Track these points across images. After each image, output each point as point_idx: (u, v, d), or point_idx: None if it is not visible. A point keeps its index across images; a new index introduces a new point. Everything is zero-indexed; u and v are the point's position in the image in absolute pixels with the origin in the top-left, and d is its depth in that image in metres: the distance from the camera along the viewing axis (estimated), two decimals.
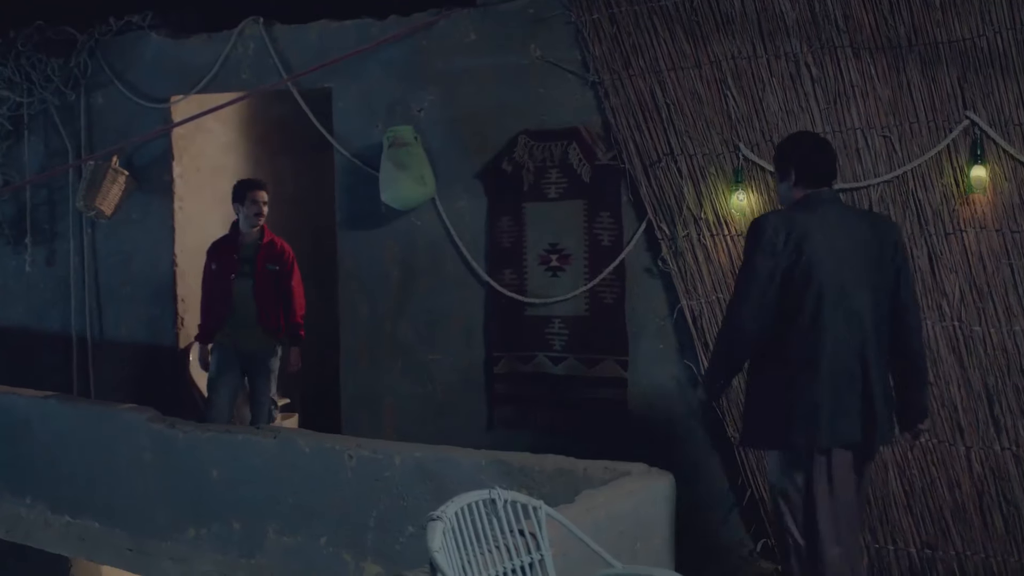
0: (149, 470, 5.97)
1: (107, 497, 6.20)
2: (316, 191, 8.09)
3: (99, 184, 7.41)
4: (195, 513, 5.81)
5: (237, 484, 5.66)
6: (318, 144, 7.18)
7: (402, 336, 6.61)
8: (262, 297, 6.93)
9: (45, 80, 7.98)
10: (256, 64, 7.14)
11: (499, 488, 3.48)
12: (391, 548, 5.16)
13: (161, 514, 5.96)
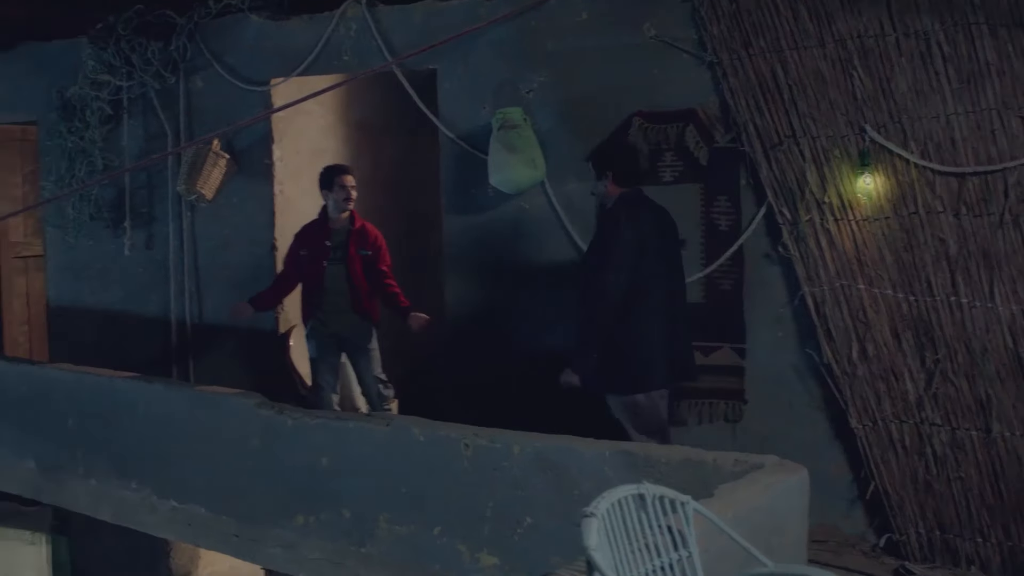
0: (256, 456, 5.89)
1: (213, 482, 6.13)
2: (416, 175, 8.01)
3: (200, 168, 7.38)
4: (304, 500, 5.72)
5: (347, 471, 5.55)
6: (417, 127, 7.09)
7: (508, 323, 6.49)
8: (355, 282, 6.87)
9: (145, 64, 7.95)
10: (358, 46, 7.04)
11: (648, 483, 3.33)
12: (508, 539, 5.02)
13: (268, 501, 5.87)
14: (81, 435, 6.72)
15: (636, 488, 3.31)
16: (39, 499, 7.42)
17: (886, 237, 5.43)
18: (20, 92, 9.15)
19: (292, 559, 5.79)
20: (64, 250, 8.81)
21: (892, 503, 5.47)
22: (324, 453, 5.62)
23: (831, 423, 5.66)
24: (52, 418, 6.87)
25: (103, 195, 8.35)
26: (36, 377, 7.04)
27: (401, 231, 8.03)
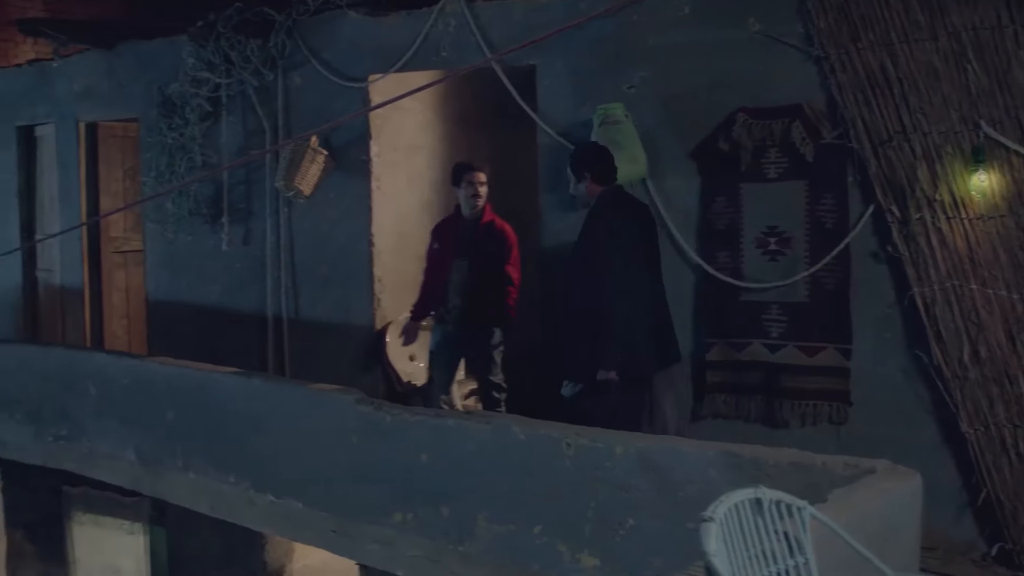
0: (355, 452, 5.89)
1: (311, 478, 6.15)
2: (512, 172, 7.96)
3: (299, 164, 7.41)
4: (402, 497, 5.71)
5: (447, 469, 5.53)
6: (514, 123, 7.04)
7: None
8: (477, 279, 6.86)
9: (244, 61, 8.02)
10: (456, 42, 7.02)
11: (764, 487, 3.25)
12: (610, 541, 4.96)
13: (367, 497, 5.87)
14: (180, 428, 6.80)
15: (753, 492, 3.23)
16: (139, 490, 7.52)
17: (1001, 236, 5.27)
18: (122, 90, 9.30)
19: (389, 556, 5.78)
20: (163, 245, 8.93)
21: (1004, 511, 5.31)
22: (423, 451, 5.60)
23: (940, 427, 5.50)
24: (152, 411, 6.95)
25: (202, 191, 8.44)
26: (137, 370, 7.13)
27: None
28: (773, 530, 3.27)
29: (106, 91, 9.53)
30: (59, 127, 10.14)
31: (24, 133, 10.70)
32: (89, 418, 7.41)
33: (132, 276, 10.09)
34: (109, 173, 10.04)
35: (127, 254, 10.13)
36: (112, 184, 10.05)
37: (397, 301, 7.50)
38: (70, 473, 7.89)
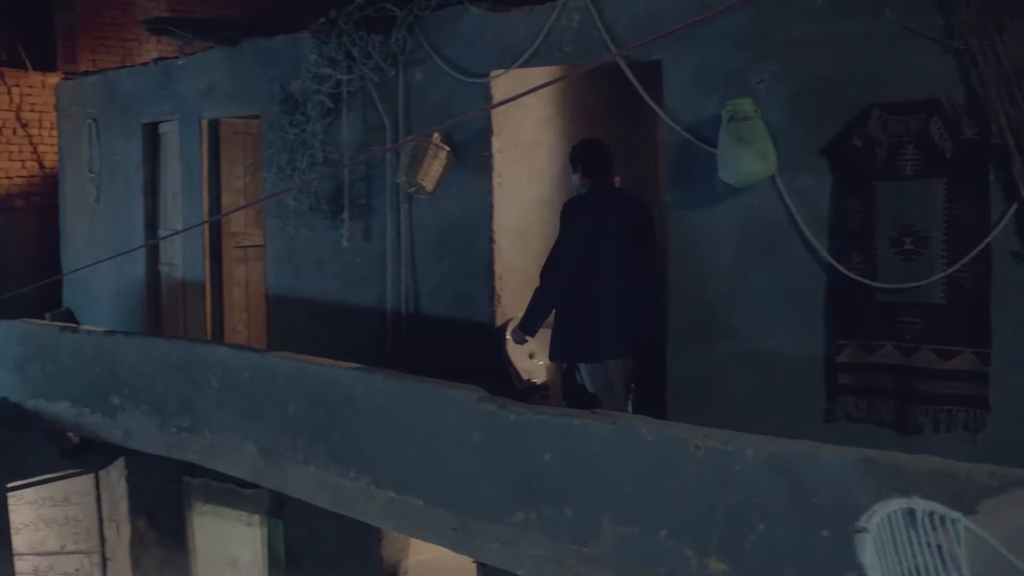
0: (477, 450, 5.85)
1: (432, 475, 6.13)
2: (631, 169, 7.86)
3: (421, 160, 7.41)
4: (524, 496, 5.65)
5: (571, 469, 5.46)
6: (635, 119, 6.94)
7: (735, 321, 6.29)
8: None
9: (365, 57, 8.04)
10: (580, 37, 6.93)
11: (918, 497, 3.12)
12: (739, 546, 4.84)
13: (488, 495, 5.82)
14: (301, 422, 6.83)
15: (906, 502, 3.11)
16: (259, 483, 7.60)
17: None
18: (244, 87, 9.42)
19: (511, 555, 5.73)
20: (284, 240, 9.02)
21: None
22: (547, 450, 5.53)
23: None
24: (274, 405, 7.00)
25: (322, 187, 8.50)
26: (259, 364, 7.18)
27: None
28: (926, 543, 3.15)
29: (229, 88, 9.67)
30: (182, 124, 10.33)
31: (149, 130, 10.92)
32: (211, 410, 7.49)
33: (252, 271, 10.22)
34: (230, 169, 10.19)
35: (247, 249, 10.27)
36: (233, 180, 10.19)
37: (517, 298, 7.45)
38: (191, 463, 8.00)
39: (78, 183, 11.98)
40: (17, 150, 13.09)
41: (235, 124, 10.15)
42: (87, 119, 11.73)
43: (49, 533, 10.49)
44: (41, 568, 10.46)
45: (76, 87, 12.20)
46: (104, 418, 8.46)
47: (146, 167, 10.95)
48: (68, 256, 12.26)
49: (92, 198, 11.68)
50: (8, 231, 12.94)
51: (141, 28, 13.57)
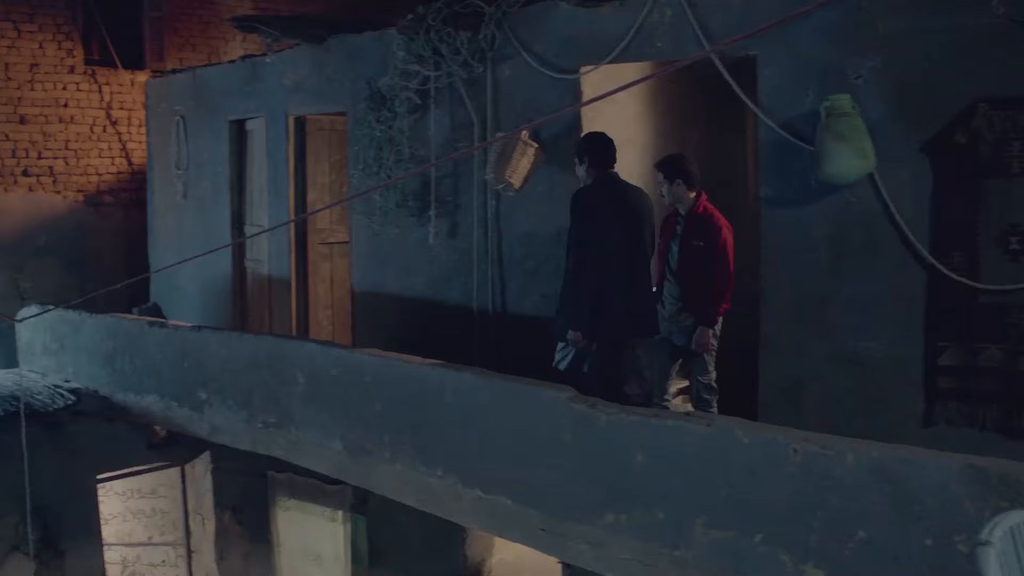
0: (567, 451, 5.78)
1: (521, 475, 6.07)
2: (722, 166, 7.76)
3: (509, 157, 7.35)
4: (615, 498, 5.57)
5: (663, 471, 5.37)
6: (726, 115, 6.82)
7: (830, 321, 6.16)
8: (683, 272, 6.78)
9: (453, 54, 8.01)
10: (672, 32, 6.83)
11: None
12: (837, 553, 4.71)
13: (578, 496, 5.75)
14: (388, 420, 6.81)
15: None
16: (344, 480, 7.59)
17: None
18: (331, 84, 9.45)
19: (600, 557, 5.65)
20: (369, 237, 9.02)
21: None
22: (639, 451, 5.45)
23: None
24: (360, 402, 6.99)
25: (409, 184, 8.48)
26: (346, 361, 7.17)
27: None
28: None
29: (315, 85, 9.70)
30: (269, 121, 10.39)
31: (235, 127, 11.01)
32: (297, 406, 7.51)
33: (337, 267, 10.26)
34: (316, 166, 10.23)
35: (333, 245, 10.31)
36: (319, 177, 10.23)
37: None
38: (275, 459, 8.03)
39: (166, 179, 12.12)
40: (107, 147, 13.30)
41: (321, 121, 10.18)
42: (175, 116, 11.86)
43: (136, 524, 10.61)
44: (129, 558, 10.59)
45: (164, 85, 12.34)
46: (191, 412, 8.53)
47: (232, 164, 11.04)
48: (155, 251, 12.42)
49: (179, 194, 11.81)
50: (98, 226, 13.17)
51: (227, 26, 13.74)
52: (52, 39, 12.76)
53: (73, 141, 13.03)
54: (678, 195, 6.96)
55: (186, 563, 10.60)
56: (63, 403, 9.50)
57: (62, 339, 10.24)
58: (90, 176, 13.17)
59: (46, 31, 12.69)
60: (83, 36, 13.06)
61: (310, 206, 10.05)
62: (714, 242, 6.80)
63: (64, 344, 10.23)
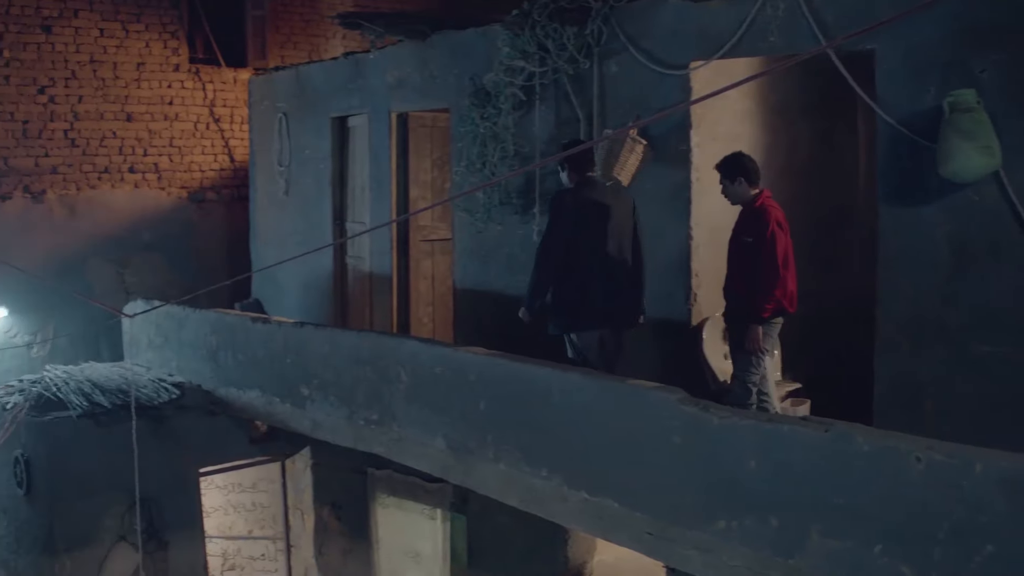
0: (676, 454, 5.65)
1: (628, 477, 5.95)
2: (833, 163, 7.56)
3: (617, 154, 7.25)
4: (726, 504, 5.43)
5: (777, 477, 5.21)
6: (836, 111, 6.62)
7: (950, 324, 5.95)
8: (731, 269, 6.76)
9: (559, 49, 7.92)
10: (786, 26, 6.66)
11: None
12: (963, 568, 4.53)
13: (687, 501, 5.62)
14: (492, 419, 6.74)
15: None
16: (446, 478, 7.53)
17: None
18: (434, 80, 9.42)
19: (710, 564, 5.52)
20: (472, 234, 8.97)
21: None
22: (752, 456, 5.30)
23: None
24: (463, 400, 6.93)
25: (513, 181, 8.41)
26: (450, 359, 7.11)
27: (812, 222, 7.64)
28: None
29: (418, 82, 9.68)
30: (372, 117, 10.40)
31: (338, 123, 11.04)
32: (399, 404, 7.47)
33: (439, 264, 10.23)
34: (418, 163, 10.22)
35: (434, 243, 10.29)
36: (421, 174, 10.22)
37: (714, 297, 7.23)
38: (375, 455, 8.01)
39: (268, 176, 12.21)
40: (210, 144, 13.47)
41: (423, 117, 10.17)
42: (278, 113, 11.94)
43: (237, 518, 10.70)
44: (229, 551, 10.69)
45: (267, 82, 12.44)
46: (293, 408, 8.56)
47: (335, 160, 11.08)
48: (257, 247, 12.52)
49: (281, 191, 11.89)
50: (200, 222, 13.34)
51: (327, 24, 13.84)
52: (158, 38, 12.94)
53: (177, 138, 13.20)
54: (740, 194, 6.80)
55: (285, 557, 10.67)
56: (167, 397, 9.61)
57: (166, 334, 10.36)
58: (193, 173, 13.34)
59: (152, 30, 12.88)
60: (188, 35, 13.23)
61: (412, 203, 10.04)
62: (761, 236, 6.59)
63: (168, 339, 10.35)
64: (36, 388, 9.70)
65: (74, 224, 12.44)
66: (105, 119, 12.63)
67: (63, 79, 12.31)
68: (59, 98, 12.29)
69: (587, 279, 7.08)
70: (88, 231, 12.51)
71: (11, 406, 9.50)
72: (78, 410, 9.23)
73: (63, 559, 9.12)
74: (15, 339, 11.87)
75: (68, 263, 12.20)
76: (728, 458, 5.40)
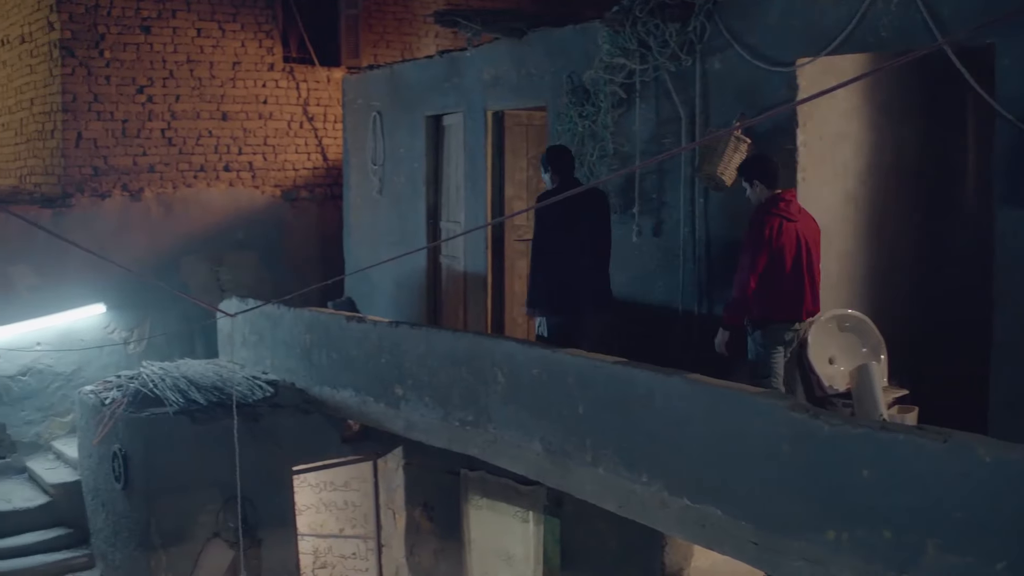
0: (784, 462, 5.48)
1: (732, 485, 5.79)
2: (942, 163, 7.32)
3: (721, 153, 7.09)
4: (836, 514, 5.25)
5: (891, 488, 5.02)
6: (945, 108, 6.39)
7: None
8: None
9: (661, 46, 7.78)
10: (898, 20, 6.45)
11: None
12: None
13: (795, 510, 5.45)
14: (591, 423, 6.63)
15: None
16: (542, 481, 7.44)
17: None
18: (531, 79, 9.34)
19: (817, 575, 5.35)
20: None
21: None
22: (865, 466, 5.12)
23: None
24: (562, 403, 6.82)
25: (612, 181, 8.28)
26: (548, 361, 7.01)
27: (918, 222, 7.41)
28: None
29: (514, 80, 9.60)
30: (467, 116, 10.34)
31: (432, 122, 11.00)
32: (496, 405, 7.39)
33: None
34: (514, 161, 10.14)
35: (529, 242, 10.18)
36: (516, 173, 10.14)
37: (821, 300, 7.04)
38: (467, 456, 7.95)
39: (362, 175, 12.22)
40: (303, 143, 13.52)
41: (519, 116, 10.08)
42: (372, 112, 11.94)
43: (328, 516, 10.72)
44: (320, 549, 10.71)
45: (361, 81, 12.44)
46: (387, 408, 8.53)
47: (429, 159, 11.04)
48: (351, 246, 12.54)
49: (375, 189, 11.88)
50: (293, 220, 13.40)
51: (420, 22, 13.83)
52: (253, 37, 13.02)
53: (271, 137, 13.27)
54: (756, 195, 6.98)
55: (376, 557, 10.66)
56: (262, 395, 9.66)
57: (261, 332, 10.41)
58: (287, 171, 13.40)
59: (248, 30, 12.96)
60: (282, 34, 13.29)
61: (507, 202, 9.97)
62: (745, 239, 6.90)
63: (263, 337, 10.40)
64: (133, 384, 9.79)
65: (170, 222, 12.55)
66: (201, 118, 12.74)
67: (161, 79, 12.43)
68: (157, 98, 12.41)
69: (566, 271, 7.77)
70: (183, 229, 12.62)
71: (109, 401, 9.61)
72: (174, 407, 9.31)
73: (159, 554, 9.20)
74: (112, 335, 12.00)
75: (164, 261, 12.32)
76: (839, 467, 5.22)
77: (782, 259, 6.73)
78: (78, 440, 10.51)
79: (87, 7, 11.83)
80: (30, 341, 11.43)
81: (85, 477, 10.34)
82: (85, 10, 11.83)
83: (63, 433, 11.53)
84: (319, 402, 9.52)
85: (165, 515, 9.20)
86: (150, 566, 9.21)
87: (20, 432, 11.42)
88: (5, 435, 11.34)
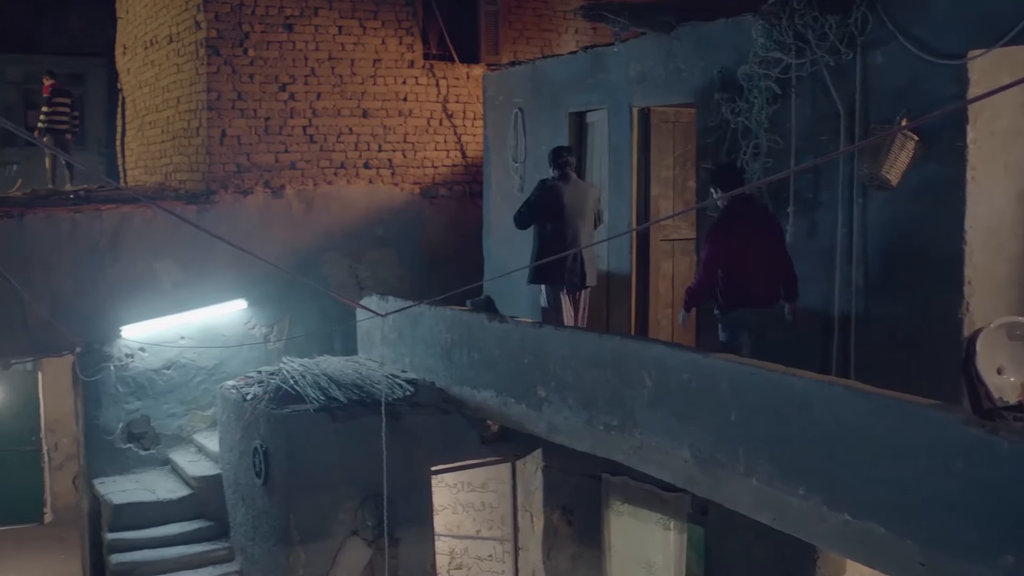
0: (957, 479, 5.16)
1: (898, 501, 5.49)
2: None
3: (887, 151, 6.75)
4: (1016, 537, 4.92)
5: None
6: None
7: None
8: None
9: (819, 39, 7.47)
10: None
11: None
12: None
13: (968, 531, 5.13)
14: (744, 431, 6.39)
15: None
16: (691, 490, 7.22)
17: None
18: (679, 74, 9.11)
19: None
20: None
21: None
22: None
23: None
24: (713, 409, 6.60)
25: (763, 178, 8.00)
26: (699, 365, 6.79)
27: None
28: None
29: (662, 76, 9.36)
30: (611, 113, 10.15)
31: (575, 119, 10.83)
32: (642, 410, 7.20)
33: (679, 265, 9.94)
34: (660, 159, 9.91)
35: (675, 242, 9.98)
36: (662, 171, 9.92)
37: (988, 306, 6.68)
38: (608, 460, 7.75)
39: (503, 172, 12.10)
40: (442, 140, 13.48)
41: (665, 112, 9.84)
42: (513, 109, 11.80)
43: (465, 517, 10.65)
44: (457, 550, 10.65)
45: (502, 77, 12.32)
46: (528, 410, 8.39)
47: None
48: (491, 244, 12.43)
49: (516, 187, 11.74)
50: (432, 218, 13.37)
51: (560, 18, 13.67)
52: (394, 35, 13.00)
53: (411, 134, 13.24)
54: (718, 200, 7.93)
55: (512, 559, 10.55)
56: (401, 393, 9.61)
57: (400, 330, 10.37)
58: (426, 168, 13.37)
59: (388, 27, 12.95)
60: (422, 31, 13.26)
61: (653, 201, 9.76)
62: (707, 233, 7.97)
63: (402, 335, 10.35)
64: (274, 380, 9.84)
65: (311, 219, 12.61)
66: (342, 115, 12.76)
67: (303, 76, 12.49)
68: (299, 95, 12.47)
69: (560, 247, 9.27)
70: (324, 226, 12.67)
71: (251, 397, 9.66)
72: (315, 404, 9.32)
73: (297, 550, 9.22)
74: (253, 331, 12.11)
75: (304, 257, 12.38)
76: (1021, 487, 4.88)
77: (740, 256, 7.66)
78: (219, 434, 10.61)
79: (232, 6, 11.95)
80: (174, 335, 11.60)
81: (226, 471, 10.43)
82: (230, 9, 11.94)
83: (204, 427, 11.67)
84: (459, 402, 9.43)
85: (304, 512, 9.22)
86: (289, 562, 9.24)
87: (163, 425, 11.60)
88: (149, 427, 11.53)
